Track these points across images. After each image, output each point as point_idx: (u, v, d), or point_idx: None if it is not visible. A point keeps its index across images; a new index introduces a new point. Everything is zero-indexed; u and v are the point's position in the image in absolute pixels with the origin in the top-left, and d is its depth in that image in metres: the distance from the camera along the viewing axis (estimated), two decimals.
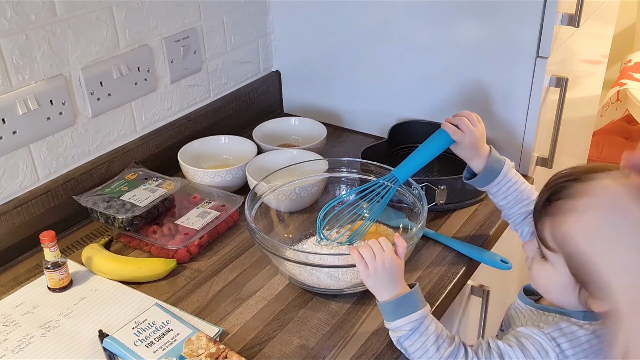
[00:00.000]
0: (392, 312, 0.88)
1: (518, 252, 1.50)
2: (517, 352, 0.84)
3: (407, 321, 0.87)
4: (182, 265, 1.11)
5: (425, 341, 0.86)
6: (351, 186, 1.22)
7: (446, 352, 0.85)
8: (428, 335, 0.86)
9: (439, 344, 0.86)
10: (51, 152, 1.17)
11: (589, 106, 1.84)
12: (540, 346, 0.83)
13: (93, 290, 1.05)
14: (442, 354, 0.85)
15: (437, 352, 0.85)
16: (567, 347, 0.83)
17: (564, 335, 0.84)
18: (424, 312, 0.87)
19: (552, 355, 0.83)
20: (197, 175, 1.27)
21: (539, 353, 0.83)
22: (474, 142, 1.05)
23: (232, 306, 1.01)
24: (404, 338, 0.87)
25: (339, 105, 1.58)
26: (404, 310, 0.87)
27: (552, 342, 0.83)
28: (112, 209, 1.13)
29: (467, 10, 1.29)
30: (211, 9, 1.42)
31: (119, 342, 0.90)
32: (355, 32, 1.46)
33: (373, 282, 0.90)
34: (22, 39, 1.07)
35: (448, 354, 0.85)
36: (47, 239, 1.01)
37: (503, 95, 1.32)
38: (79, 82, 1.19)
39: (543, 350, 0.83)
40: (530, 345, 0.84)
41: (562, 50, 1.31)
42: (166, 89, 1.37)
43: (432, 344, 0.85)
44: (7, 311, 1.01)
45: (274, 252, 0.99)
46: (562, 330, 0.84)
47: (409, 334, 0.86)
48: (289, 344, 0.94)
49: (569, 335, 0.84)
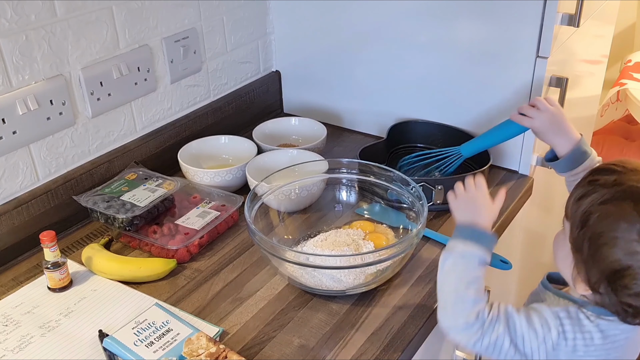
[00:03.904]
0: (462, 233, 0.91)
1: (518, 252, 1.51)
2: (522, 320, 0.87)
3: (468, 248, 0.89)
4: (182, 265, 1.11)
5: (462, 276, 0.88)
6: (351, 187, 1.22)
7: (472, 296, 0.87)
8: (469, 271, 0.89)
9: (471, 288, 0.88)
10: (51, 152, 1.17)
11: (589, 106, 1.84)
12: (545, 321, 0.87)
13: (93, 290, 1.05)
14: (469, 294, 0.87)
15: (466, 289, 0.88)
16: (569, 330, 0.86)
17: (569, 318, 0.87)
18: (483, 255, 0.90)
19: (554, 332, 0.86)
20: (197, 175, 1.27)
21: (542, 327, 0.86)
22: (553, 120, 1.06)
23: (232, 306, 1.01)
24: (451, 258, 0.90)
25: (338, 105, 1.58)
26: (472, 237, 0.90)
27: (556, 320, 0.87)
28: (112, 209, 1.13)
29: (467, 10, 1.29)
30: (211, 9, 1.42)
31: (119, 342, 0.90)
32: (355, 32, 1.46)
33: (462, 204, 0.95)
34: (22, 39, 1.08)
35: (473, 298, 0.87)
36: (47, 239, 1.01)
37: (503, 95, 1.32)
38: (79, 82, 1.19)
39: (546, 325, 0.87)
40: (536, 317, 0.87)
41: (562, 50, 1.31)
42: (166, 89, 1.37)
43: (466, 283, 0.88)
44: (7, 311, 1.01)
45: (273, 254, 0.99)
46: (569, 313, 0.87)
47: (457, 258, 0.90)
48: (289, 344, 0.94)
49: (574, 320, 0.87)
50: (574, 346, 0.87)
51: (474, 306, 0.87)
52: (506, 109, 1.33)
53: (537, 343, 0.86)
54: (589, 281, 0.85)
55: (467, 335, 0.87)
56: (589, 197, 0.84)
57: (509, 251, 1.22)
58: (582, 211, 0.84)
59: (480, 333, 0.86)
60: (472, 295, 0.87)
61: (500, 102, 1.33)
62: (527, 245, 1.60)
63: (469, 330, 0.87)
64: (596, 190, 0.84)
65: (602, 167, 0.88)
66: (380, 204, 1.19)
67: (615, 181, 0.83)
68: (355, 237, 1.11)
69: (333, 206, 1.22)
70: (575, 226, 0.85)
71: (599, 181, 0.85)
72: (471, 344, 0.88)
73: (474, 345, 0.87)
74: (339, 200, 1.23)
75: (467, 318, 0.86)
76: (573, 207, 0.86)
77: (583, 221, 0.84)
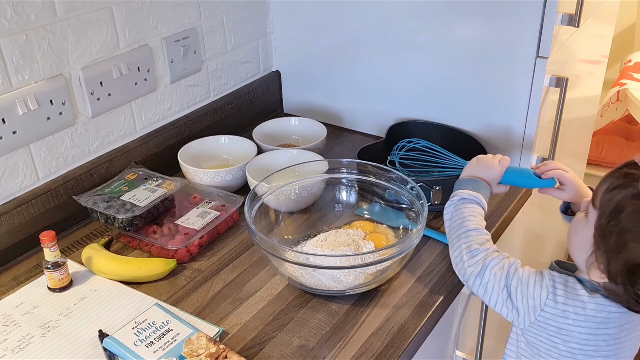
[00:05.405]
0: (460, 183, 1.06)
1: (518, 252, 1.51)
2: (518, 275, 0.92)
3: (465, 192, 1.02)
4: (182, 265, 1.11)
5: (462, 212, 1.00)
6: (351, 187, 1.22)
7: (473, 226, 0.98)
8: (468, 209, 1.00)
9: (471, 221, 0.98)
10: (51, 152, 1.17)
11: (589, 106, 1.84)
12: (540, 281, 0.91)
13: (93, 290, 1.05)
14: (469, 225, 0.98)
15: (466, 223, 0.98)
16: (560, 294, 0.90)
17: (565, 285, 0.90)
18: (479, 197, 1.02)
19: (544, 292, 0.90)
20: (197, 175, 1.27)
21: (534, 285, 0.91)
22: (576, 185, 1.07)
23: (232, 306, 1.01)
24: (452, 205, 1.03)
25: (338, 105, 1.58)
26: (469, 185, 1.04)
27: (551, 282, 0.91)
28: (112, 209, 1.13)
29: (467, 10, 1.29)
30: (211, 9, 1.42)
31: (119, 342, 0.90)
32: (355, 32, 1.46)
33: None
34: (22, 39, 1.08)
35: (474, 227, 0.98)
36: (47, 239, 1.01)
37: (503, 95, 1.32)
38: (79, 82, 1.19)
39: (539, 286, 0.91)
40: (533, 276, 0.92)
41: (562, 50, 1.31)
42: (166, 89, 1.37)
43: (465, 217, 0.99)
44: (7, 311, 1.01)
45: (273, 254, 0.99)
46: (567, 282, 0.91)
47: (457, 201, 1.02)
48: (288, 344, 0.94)
49: (569, 288, 0.90)
50: (564, 311, 0.89)
51: (478, 234, 0.96)
52: (506, 109, 1.33)
53: (526, 297, 0.90)
54: (609, 271, 0.86)
55: (470, 267, 0.94)
56: (624, 190, 0.84)
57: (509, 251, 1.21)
58: (614, 203, 0.85)
59: (482, 266, 0.93)
60: (472, 225, 0.98)
61: (500, 103, 1.33)
62: (527, 245, 1.60)
63: (473, 259, 0.94)
64: (631, 184, 0.84)
65: (637, 161, 0.88)
66: (380, 204, 1.19)
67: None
68: (355, 237, 1.11)
69: (333, 206, 1.22)
70: (605, 216, 0.86)
71: (634, 175, 0.85)
72: (472, 278, 0.94)
73: (475, 280, 0.93)
74: (339, 200, 1.23)
75: (471, 245, 0.95)
76: (604, 197, 0.87)
77: (614, 213, 0.85)
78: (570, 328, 0.90)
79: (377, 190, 1.18)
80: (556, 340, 0.92)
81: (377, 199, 1.20)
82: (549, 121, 1.35)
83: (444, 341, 1.20)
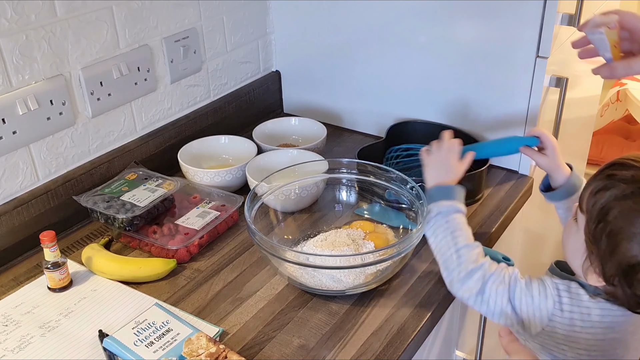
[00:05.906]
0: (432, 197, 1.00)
1: (518, 252, 1.51)
2: (522, 286, 0.90)
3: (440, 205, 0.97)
4: (182, 265, 1.11)
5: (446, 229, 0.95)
6: (351, 187, 1.22)
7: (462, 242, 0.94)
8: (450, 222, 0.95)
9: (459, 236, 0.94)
10: (51, 152, 1.17)
11: (589, 106, 1.84)
12: (544, 290, 0.90)
13: (93, 290, 1.05)
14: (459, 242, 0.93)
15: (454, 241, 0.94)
16: (566, 302, 0.89)
17: (568, 291, 0.90)
18: (455, 205, 0.97)
19: (550, 302, 0.89)
20: (197, 175, 1.27)
21: (539, 295, 0.90)
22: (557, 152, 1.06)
23: (232, 306, 1.01)
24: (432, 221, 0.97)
25: (338, 105, 1.58)
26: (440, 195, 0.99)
27: (555, 290, 0.90)
28: (112, 209, 1.13)
29: (467, 10, 1.29)
30: (211, 9, 1.42)
31: (119, 342, 0.90)
32: (355, 32, 1.46)
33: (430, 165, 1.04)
34: (22, 39, 1.08)
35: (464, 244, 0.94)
36: (47, 239, 1.01)
37: (503, 95, 1.32)
38: (79, 82, 1.19)
39: (544, 295, 0.90)
40: (536, 286, 0.91)
41: (562, 50, 1.31)
42: (166, 89, 1.37)
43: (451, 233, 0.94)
44: (7, 311, 1.01)
45: (273, 254, 0.99)
46: (570, 288, 0.90)
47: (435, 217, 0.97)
48: (288, 344, 0.94)
49: (573, 294, 0.89)
50: (570, 319, 0.89)
51: (469, 250, 0.92)
52: (506, 109, 1.33)
53: (532, 309, 0.89)
54: (604, 274, 0.85)
55: (470, 286, 0.91)
56: (607, 192, 0.84)
57: (509, 251, 1.21)
58: (600, 205, 0.84)
59: (482, 283, 0.91)
60: (461, 241, 0.93)
61: (499, 102, 1.33)
62: (527, 245, 1.60)
63: (471, 279, 0.91)
64: (614, 185, 0.84)
65: (618, 162, 0.88)
66: (380, 204, 1.19)
67: (633, 177, 0.84)
68: (355, 237, 1.11)
69: (333, 206, 1.22)
70: (592, 220, 0.85)
71: (617, 176, 0.84)
72: (473, 297, 0.91)
73: (476, 298, 0.91)
74: (339, 200, 1.23)
75: (466, 265, 0.91)
76: (590, 201, 0.86)
77: (601, 216, 0.84)
78: (578, 335, 0.89)
79: (377, 190, 1.18)
80: (564, 348, 0.91)
81: (377, 199, 1.20)
82: (549, 121, 1.35)
83: (444, 341, 1.20)
